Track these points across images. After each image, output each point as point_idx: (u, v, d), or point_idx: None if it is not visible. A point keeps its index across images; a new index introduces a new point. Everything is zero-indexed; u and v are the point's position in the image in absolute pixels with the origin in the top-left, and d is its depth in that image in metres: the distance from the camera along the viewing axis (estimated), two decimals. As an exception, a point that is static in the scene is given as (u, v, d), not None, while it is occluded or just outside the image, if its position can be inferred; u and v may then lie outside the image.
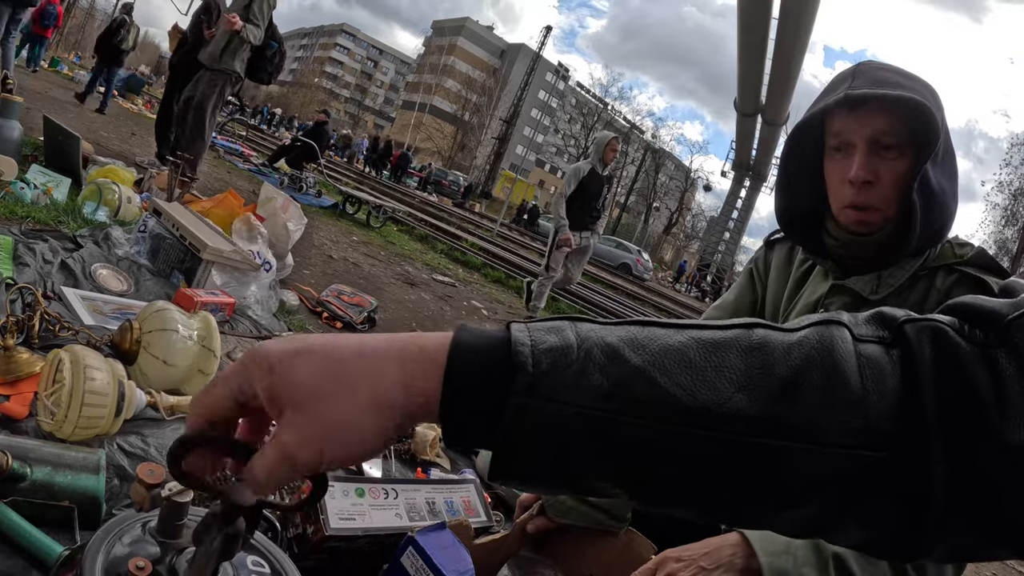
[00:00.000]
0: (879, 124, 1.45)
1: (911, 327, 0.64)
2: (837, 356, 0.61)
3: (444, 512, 1.58)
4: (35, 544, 1.23)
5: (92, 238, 3.28)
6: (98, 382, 1.56)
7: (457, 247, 13.44)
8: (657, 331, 0.65)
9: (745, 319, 0.67)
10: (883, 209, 1.49)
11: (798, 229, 1.71)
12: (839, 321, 0.66)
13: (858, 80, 1.48)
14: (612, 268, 34.67)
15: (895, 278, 1.54)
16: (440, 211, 24.21)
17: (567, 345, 0.62)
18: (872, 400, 0.59)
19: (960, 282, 1.49)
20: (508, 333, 0.64)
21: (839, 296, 1.63)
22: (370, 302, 4.86)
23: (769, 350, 0.62)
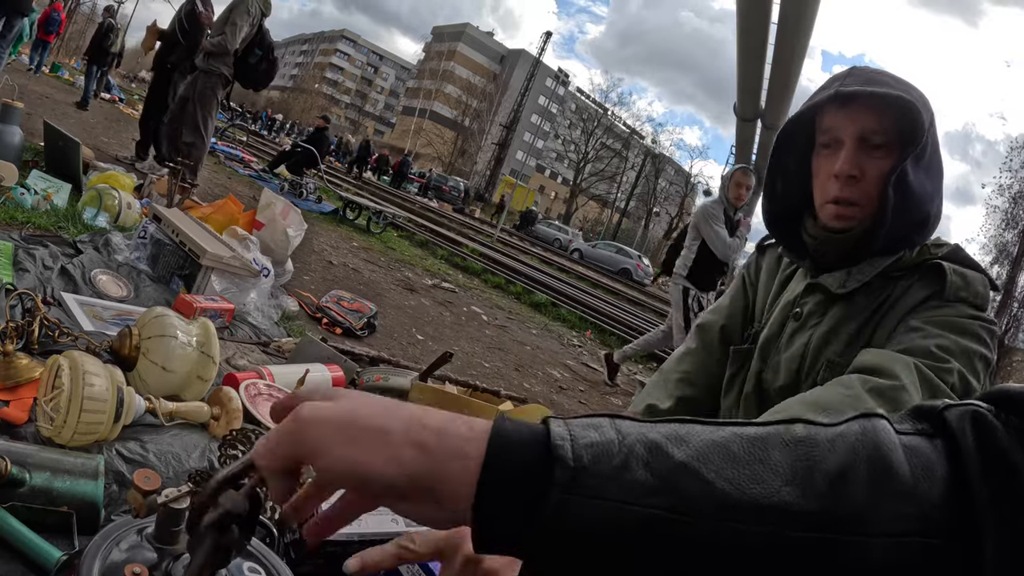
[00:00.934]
0: (868, 122, 1.46)
1: (951, 413, 0.63)
2: (883, 447, 0.60)
3: (443, 518, 1.59)
4: (33, 549, 1.23)
5: (92, 244, 3.29)
6: (97, 388, 1.57)
7: (457, 253, 13.44)
8: (697, 427, 0.63)
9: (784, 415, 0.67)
10: (864, 206, 1.50)
11: (781, 229, 1.72)
12: (878, 415, 0.64)
13: (850, 79, 1.50)
14: (612, 273, 34.73)
15: (863, 274, 1.55)
16: (440, 217, 24.22)
17: (608, 440, 0.60)
18: (923, 488, 0.58)
19: (923, 273, 1.51)
20: (547, 427, 0.61)
21: (812, 295, 1.65)
22: (370, 308, 4.87)
23: (812, 443, 0.61)
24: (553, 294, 12.42)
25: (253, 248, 3.66)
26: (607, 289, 21.42)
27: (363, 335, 4.70)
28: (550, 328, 9.48)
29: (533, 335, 8.39)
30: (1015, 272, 33.52)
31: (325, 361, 2.74)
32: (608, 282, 25.12)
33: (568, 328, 10.16)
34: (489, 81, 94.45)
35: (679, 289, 6.47)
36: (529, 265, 17.70)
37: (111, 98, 19.92)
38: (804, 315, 1.64)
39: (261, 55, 7.27)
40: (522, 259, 19.17)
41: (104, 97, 19.19)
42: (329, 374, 2.63)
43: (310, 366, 2.51)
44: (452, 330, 6.69)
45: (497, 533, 0.59)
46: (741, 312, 1.92)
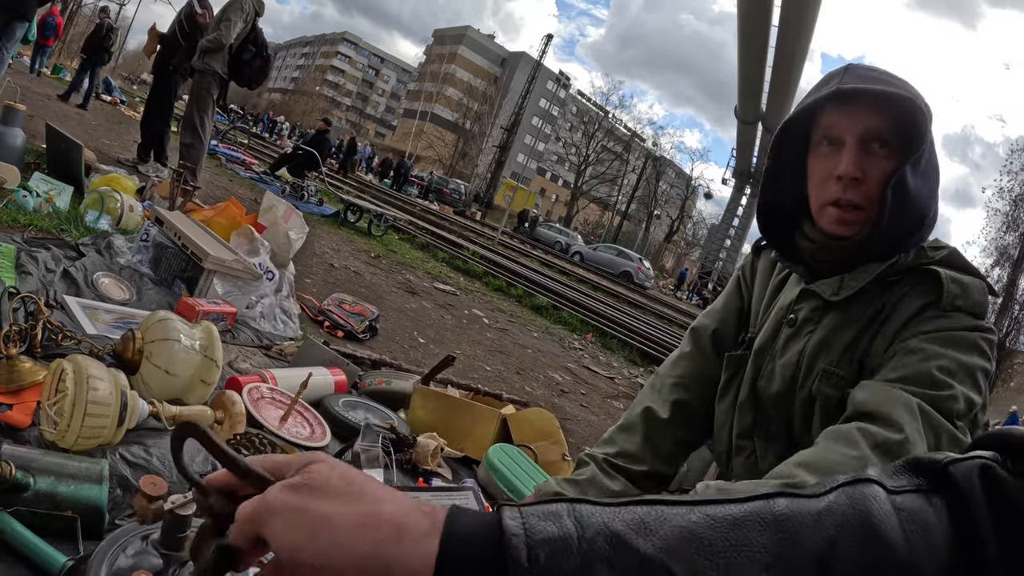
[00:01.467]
0: (871, 121, 1.43)
1: (957, 468, 0.60)
2: (875, 519, 0.57)
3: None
4: (38, 554, 1.23)
5: (94, 246, 3.29)
6: (101, 392, 1.57)
7: (458, 255, 13.44)
8: (666, 510, 0.59)
9: (764, 489, 0.62)
10: (866, 208, 1.46)
11: (776, 234, 1.69)
12: (868, 479, 0.61)
13: (848, 76, 1.46)
14: (613, 276, 34.72)
15: (857, 280, 1.50)
16: (441, 219, 24.22)
17: (566, 535, 0.56)
18: (921, 557, 0.55)
19: (921, 279, 1.46)
20: (499, 520, 0.58)
21: (807, 301, 1.61)
22: (371, 311, 4.87)
23: (795, 522, 0.57)
24: (554, 297, 12.42)
25: (263, 252, 3.66)
26: (608, 292, 21.42)
27: (365, 338, 4.69)
28: (551, 331, 9.48)
29: (534, 338, 8.39)
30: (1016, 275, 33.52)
31: (327, 364, 2.74)
32: (609, 285, 25.12)
33: (569, 331, 10.16)
34: (490, 84, 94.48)
35: None
36: (530, 268, 17.71)
37: (112, 100, 19.93)
38: (799, 322, 1.61)
39: (255, 52, 7.34)
40: (523, 262, 19.17)
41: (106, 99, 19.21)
42: (332, 378, 2.63)
43: (312, 370, 2.50)
44: (453, 333, 6.69)
45: None
46: (735, 315, 1.89)
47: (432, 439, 2.37)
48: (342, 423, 2.38)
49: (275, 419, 2.17)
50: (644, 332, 12.15)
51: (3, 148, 4.54)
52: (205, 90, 7.23)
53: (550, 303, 11.52)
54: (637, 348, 10.34)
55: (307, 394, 2.33)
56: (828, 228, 1.52)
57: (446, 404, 2.64)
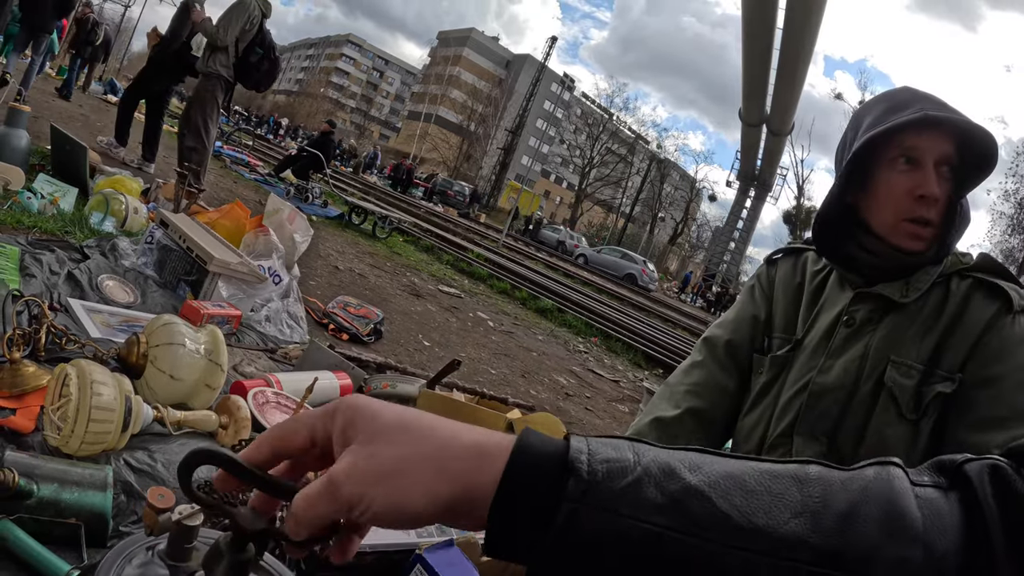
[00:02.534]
0: (947, 148, 1.54)
1: (971, 466, 0.63)
2: (896, 492, 0.61)
3: (452, 529, 1.57)
4: (41, 562, 1.22)
5: (99, 249, 3.28)
6: (105, 397, 1.55)
7: (463, 258, 13.44)
8: (713, 458, 0.65)
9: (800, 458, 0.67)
10: (935, 225, 1.58)
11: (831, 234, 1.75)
12: (894, 463, 0.65)
13: (928, 103, 1.57)
14: (617, 279, 34.71)
15: (922, 282, 1.62)
16: (446, 222, 24.23)
17: (624, 459, 0.62)
18: (933, 535, 0.58)
19: (977, 287, 1.59)
20: (567, 442, 0.63)
21: (864, 303, 1.69)
22: (376, 314, 4.86)
23: (826, 483, 0.62)
24: (559, 300, 12.42)
25: (275, 256, 3.66)
26: (612, 294, 21.41)
27: (369, 341, 4.69)
28: (556, 334, 9.47)
29: (539, 341, 8.38)
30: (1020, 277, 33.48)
31: (332, 368, 2.73)
32: (613, 287, 25.11)
33: (574, 334, 10.15)
34: (494, 86, 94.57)
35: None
36: (534, 270, 17.70)
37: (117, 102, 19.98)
38: (858, 322, 1.68)
39: (262, 54, 7.33)
40: (527, 264, 19.16)
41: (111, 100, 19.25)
42: (337, 382, 2.62)
43: (318, 374, 2.49)
44: (458, 336, 6.68)
45: (509, 539, 0.62)
46: (749, 324, 1.93)
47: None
48: (348, 427, 2.36)
49: (280, 424, 2.15)
50: (648, 335, 12.15)
51: (8, 149, 4.53)
52: (210, 93, 7.21)
53: (554, 306, 11.51)
54: (642, 351, 10.32)
55: (312, 398, 2.31)
56: (903, 243, 1.61)
57: (452, 408, 2.63)
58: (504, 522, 0.61)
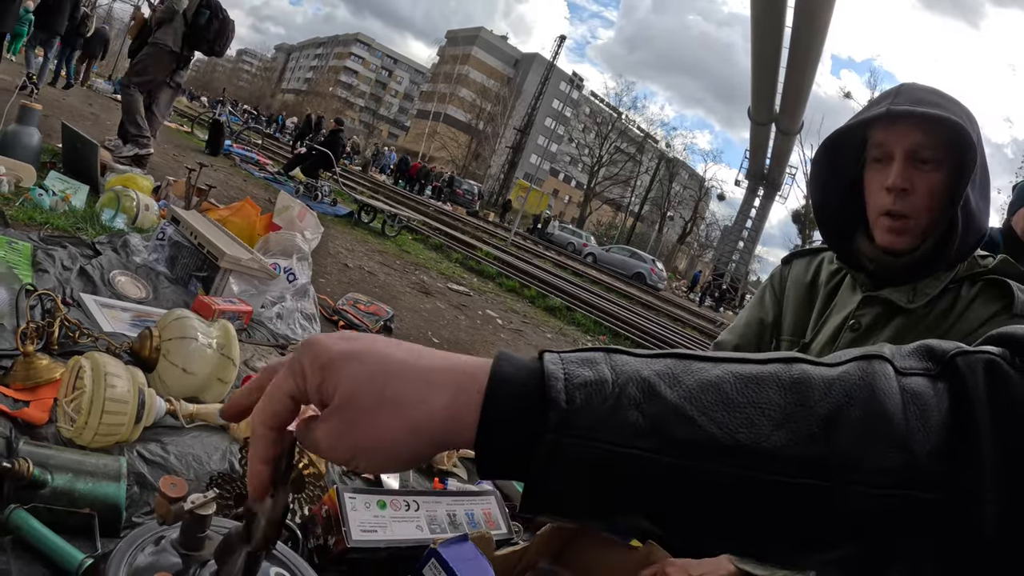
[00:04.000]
0: (916, 137, 1.52)
1: (963, 360, 0.62)
2: (879, 392, 0.60)
3: (465, 524, 1.57)
4: (55, 551, 1.22)
5: (110, 245, 3.28)
6: (118, 389, 1.56)
7: (472, 256, 13.44)
8: (694, 364, 0.64)
9: (785, 353, 0.66)
10: (916, 219, 1.56)
11: (836, 242, 1.77)
12: (881, 355, 0.64)
13: (900, 97, 1.56)
14: (626, 278, 34.67)
15: (931, 288, 1.60)
16: (455, 220, 24.23)
17: (602, 380, 0.61)
18: (917, 437, 0.58)
19: (986, 287, 1.58)
20: (542, 364, 0.62)
21: (871, 308, 1.68)
22: (386, 311, 4.86)
23: (809, 385, 0.61)
24: (567, 298, 12.41)
25: (295, 257, 3.67)
26: (621, 293, 21.40)
27: (379, 338, 4.68)
28: (565, 332, 9.46)
29: (548, 339, 8.37)
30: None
31: (344, 364, 2.73)
32: (622, 286, 25.08)
33: (583, 332, 10.14)
34: (503, 85, 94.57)
35: None
36: (543, 269, 17.70)
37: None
38: (863, 327, 1.68)
39: (209, 15, 7.40)
40: (536, 263, 19.16)
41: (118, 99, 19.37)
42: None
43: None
44: (467, 334, 6.68)
45: (498, 469, 0.62)
46: (756, 327, 1.97)
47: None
48: (358, 422, 2.36)
49: (292, 418, 2.15)
50: (658, 334, 12.13)
51: (19, 147, 4.54)
52: (156, 60, 7.33)
53: (563, 304, 11.51)
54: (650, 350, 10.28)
55: (323, 393, 2.31)
56: (880, 239, 1.62)
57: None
58: (490, 457, 0.61)
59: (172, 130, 16.57)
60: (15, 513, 1.24)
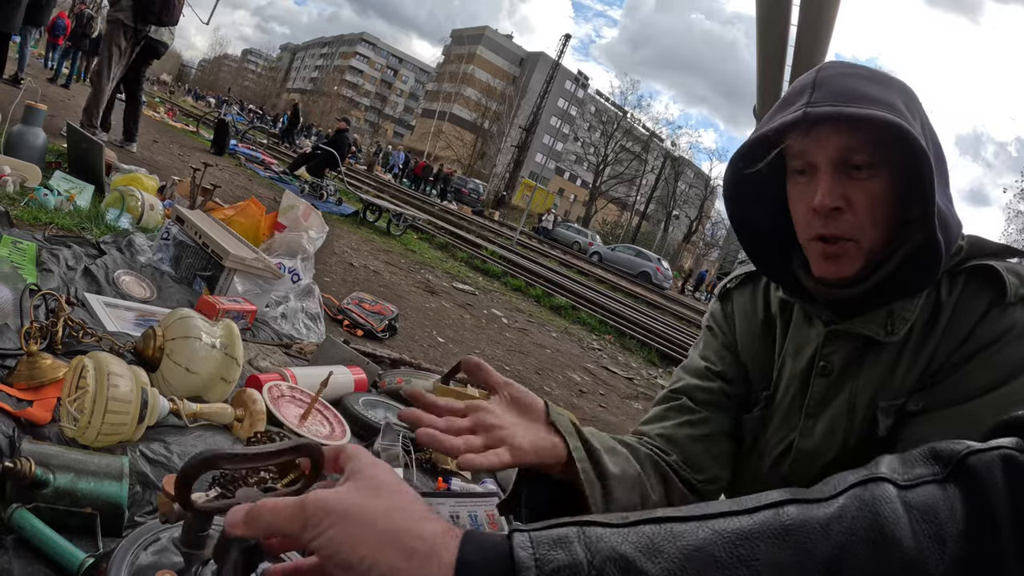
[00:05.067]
0: (843, 141, 1.23)
1: (976, 459, 0.60)
2: (883, 520, 0.58)
3: (468, 526, 1.57)
4: (57, 551, 1.22)
5: (115, 244, 3.29)
6: (121, 389, 1.56)
7: (477, 255, 13.44)
8: (676, 528, 0.60)
9: (774, 496, 0.63)
10: (857, 240, 1.26)
11: (770, 266, 1.48)
12: (879, 476, 0.63)
13: (819, 92, 1.25)
14: (632, 277, 34.64)
15: (909, 311, 1.31)
16: (460, 219, 24.23)
17: (576, 564, 0.58)
18: (931, 558, 0.56)
19: (968, 282, 1.28)
20: (511, 552, 0.60)
21: (839, 344, 1.39)
22: (391, 310, 4.86)
23: (804, 530, 0.58)
24: (573, 297, 12.40)
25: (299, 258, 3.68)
26: (626, 292, 21.37)
27: (384, 337, 4.69)
28: (570, 331, 9.45)
29: (553, 338, 8.37)
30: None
31: (347, 363, 2.73)
32: (627, 285, 25.05)
33: (588, 331, 10.13)
34: (508, 84, 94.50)
35: None
36: (549, 268, 17.69)
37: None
38: (836, 369, 1.39)
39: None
40: (542, 262, 19.15)
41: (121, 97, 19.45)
42: (352, 376, 2.62)
43: (332, 368, 2.49)
44: (473, 333, 6.67)
45: None
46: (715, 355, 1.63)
47: (452, 438, 2.35)
48: (362, 422, 2.37)
49: (295, 417, 2.16)
50: (663, 333, 12.11)
51: (24, 147, 4.55)
52: (111, 40, 7.55)
53: (569, 303, 11.50)
54: (656, 349, 10.28)
55: (327, 393, 2.32)
56: (815, 268, 1.33)
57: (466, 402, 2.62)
58: None
59: (177, 130, 16.63)
60: (17, 512, 1.25)
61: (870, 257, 1.28)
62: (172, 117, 19.75)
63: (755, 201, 1.44)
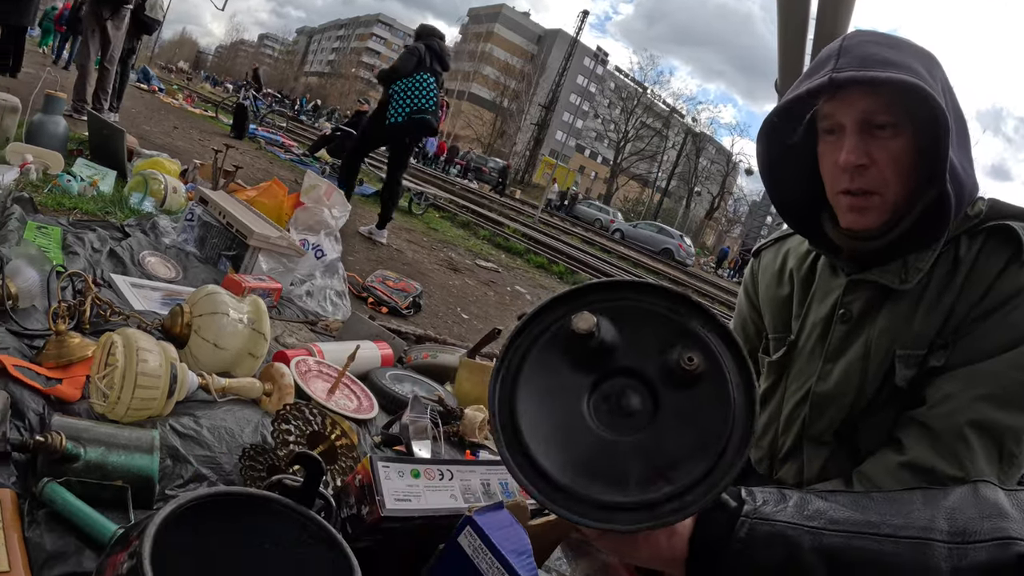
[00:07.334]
0: (866, 104, 1.35)
1: None
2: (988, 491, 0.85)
3: (499, 493, 1.56)
4: (88, 523, 1.22)
5: (139, 227, 3.29)
6: (151, 364, 1.56)
7: (499, 233, 13.43)
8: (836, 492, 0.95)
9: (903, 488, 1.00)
10: (882, 193, 1.39)
11: (798, 220, 1.61)
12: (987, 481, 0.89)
13: (844, 59, 1.35)
14: (654, 254, 34.50)
15: (923, 261, 1.42)
16: (481, 198, 24.21)
17: (777, 496, 0.90)
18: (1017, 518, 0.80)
19: (987, 240, 1.39)
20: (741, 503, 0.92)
21: (858, 292, 1.52)
22: (415, 287, 4.86)
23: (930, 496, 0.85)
24: (596, 274, 12.39)
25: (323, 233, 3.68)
26: (649, 269, 21.33)
27: (408, 314, 4.69)
28: (594, 307, 9.42)
29: (577, 314, 8.33)
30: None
31: (373, 338, 2.73)
32: (650, 262, 24.99)
33: (612, 307, 10.09)
34: (527, 62, 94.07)
35: None
36: (571, 245, 17.66)
37: (151, 88, 20.23)
38: (855, 315, 1.52)
39: None
40: (564, 239, 19.11)
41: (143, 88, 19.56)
42: (378, 351, 2.62)
43: (360, 343, 2.49)
44: (496, 309, 6.67)
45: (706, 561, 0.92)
46: (742, 331, 1.86)
47: (479, 411, 2.35)
48: (389, 395, 2.36)
49: (323, 392, 2.16)
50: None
51: (46, 136, 4.57)
52: (87, 23, 7.88)
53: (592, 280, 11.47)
54: (680, 324, 10.23)
55: (354, 367, 2.32)
56: (843, 220, 1.46)
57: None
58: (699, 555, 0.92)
59: (196, 116, 16.66)
60: (48, 486, 1.25)
61: (895, 210, 1.41)
62: (191, 104, 19.81)
63: (787, 163, 1.55)
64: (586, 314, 0.98)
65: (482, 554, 1.21)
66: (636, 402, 0.97)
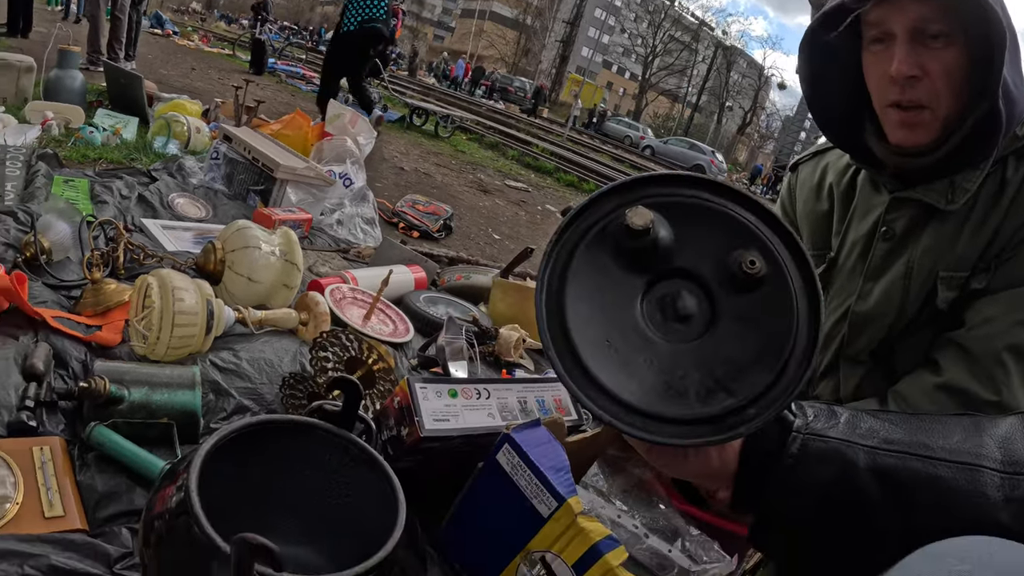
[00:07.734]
0: (921, 10, 1.25)
1: None
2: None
3: (536, 411, 1.57)
4: (137, 462, 1.26)
5: (166, 170, 3.30)
6: (187, 302, 1.58)
7: (528, 152, 13.33)
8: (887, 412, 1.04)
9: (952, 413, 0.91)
10: (933, 107, 1.31)
11: (840, 135, 1.54)
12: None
13: None
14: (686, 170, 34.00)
15: (970, 182, 1.35)
16: (508, 118, 23.96)
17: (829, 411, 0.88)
18: None
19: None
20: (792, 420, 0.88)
21: (902, 211, 1.46)
22: (445, 210, 4.86)
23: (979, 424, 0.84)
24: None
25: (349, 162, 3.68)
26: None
27: (440, 237, 4.70)
28: (627, 223, 9.38)
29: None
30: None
31: (406, 262, 2.75)
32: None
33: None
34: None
35: None
36: (601, 163, 17.47)
37: (165, 32, 20.09)
38: (898, 234, 1.46)
39: None
40: (594, 157, 18.92)
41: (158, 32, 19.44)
42: (412, 275, 2.63)
43: (393, 267, 2.50)
44: (528, 229, 6.66)
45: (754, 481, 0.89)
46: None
47: (514, 331, 2.36)
48: (424, 318, 2.38)
49: (358, 318, 2.18)
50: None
51: (64, 91, 4.55)
52: None
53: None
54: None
55: (388, 292, 2.33)
56: (892, 135, 1.38)
57: (526, 296, 2.61)
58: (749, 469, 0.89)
59: (214, 55, 16.55)
60: (96, 430, 1.28)
61: (945, 126, 1.32)
62: (207, 43, 19.65)
63: (829, 74, 1.48)
64: (642, 208, 0.90)
65: (520, 471, 1.23)
66: (692, 305, 0.90)
